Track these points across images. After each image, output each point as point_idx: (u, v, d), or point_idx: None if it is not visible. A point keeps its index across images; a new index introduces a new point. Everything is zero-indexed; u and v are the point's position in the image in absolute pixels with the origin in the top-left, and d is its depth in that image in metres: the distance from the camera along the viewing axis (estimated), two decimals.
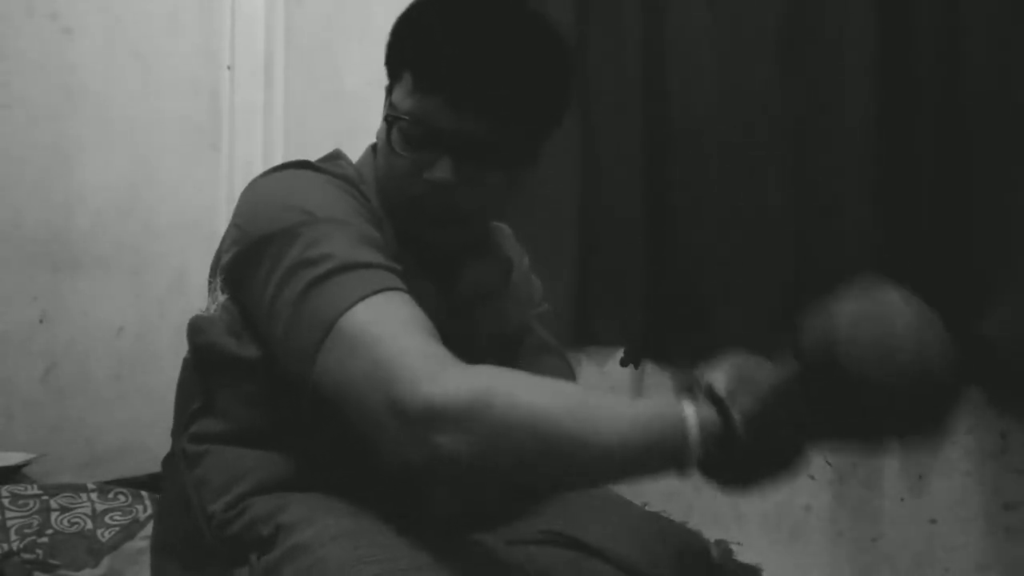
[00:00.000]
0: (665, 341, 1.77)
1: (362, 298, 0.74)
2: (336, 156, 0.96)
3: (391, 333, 0.72)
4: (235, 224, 0.86)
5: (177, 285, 2.11)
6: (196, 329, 0.89)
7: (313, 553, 0.73)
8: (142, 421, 2.01)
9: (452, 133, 0.83)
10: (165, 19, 2.15)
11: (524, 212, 1.67)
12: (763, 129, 1.64)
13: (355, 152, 0.98)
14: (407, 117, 0.84)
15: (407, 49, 0.87)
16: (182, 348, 0.93)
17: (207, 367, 0.88)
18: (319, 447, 0.83)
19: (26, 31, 1.93)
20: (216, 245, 0.91)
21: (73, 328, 1.98)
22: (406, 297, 0.77)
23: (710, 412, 0.70)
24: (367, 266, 0.77)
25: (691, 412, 0.70)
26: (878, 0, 1.50)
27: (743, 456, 0.70)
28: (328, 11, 2.30)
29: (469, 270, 0.96)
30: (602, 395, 0.73)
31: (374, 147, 0.94)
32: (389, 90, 0.90)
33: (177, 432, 0.92)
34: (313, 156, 0.95)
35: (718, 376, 0.73)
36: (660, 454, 0.69)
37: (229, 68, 2.27)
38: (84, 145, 2.00)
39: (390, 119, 0.87)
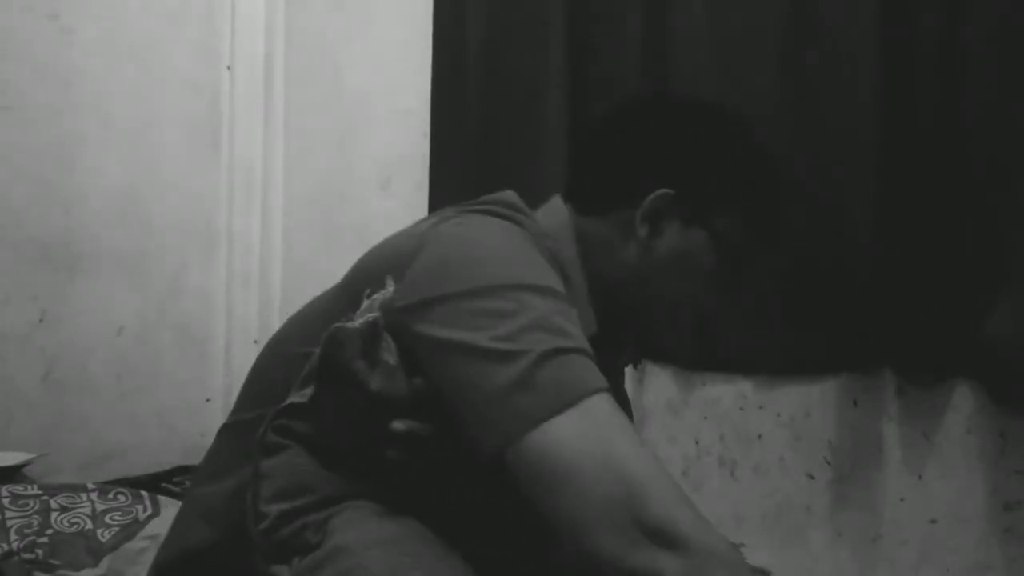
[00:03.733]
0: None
1: (598, 390, 0.73)
2: (514, 207, 0.91)
3: (633, 442, 0.73)
4: (425, 273, 0.81)
5: (177, 285, 2.10)
6: (336, 342, 0.83)
7: (354, 556, 0.73)
8: (142, 421, 2.01)
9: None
10: (165, 19, 2.15)
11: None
12: (763, 130, 1.63)
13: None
14: (738, 251, 0.93)
15: (739, 185, 0.94)
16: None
17: (330, 377, 0.84)
18: (398, 495, 0.80)
19: (26, 31, 1.93)
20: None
21: (73, 328, 1.98)
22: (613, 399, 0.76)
23: None
24: (591, 356, 0.76)
25: None
26: (880, 0, 1.50)
27: None
28: (328, 11, 2.30)
29: (630, 340, 1.02)
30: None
31: (562, 199, 0.96)
32: (683, 197, 0.91)
33: (250, 410, 0.90)
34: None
35: None
36: None
37: (229, 68, 2.28)
38: (84, 145, 2.00)
39: (724, 247, 0.93)
